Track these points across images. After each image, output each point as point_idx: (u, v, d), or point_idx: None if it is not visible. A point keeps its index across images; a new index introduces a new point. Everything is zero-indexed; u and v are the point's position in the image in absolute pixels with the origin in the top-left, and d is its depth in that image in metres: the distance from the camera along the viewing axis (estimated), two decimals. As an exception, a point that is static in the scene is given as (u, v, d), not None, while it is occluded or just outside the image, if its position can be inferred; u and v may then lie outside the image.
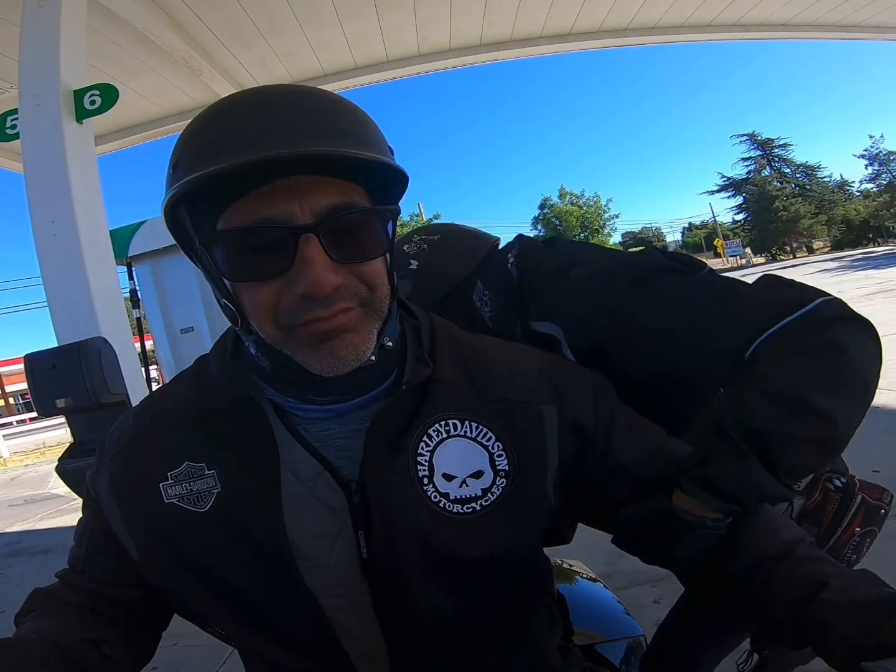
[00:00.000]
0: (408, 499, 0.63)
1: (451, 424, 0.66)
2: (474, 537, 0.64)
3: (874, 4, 4.71)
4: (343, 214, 0.56)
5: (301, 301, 0.56)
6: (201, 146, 0.54)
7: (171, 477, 0.65)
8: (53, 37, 2.44)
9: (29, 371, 2.33)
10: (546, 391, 0.70)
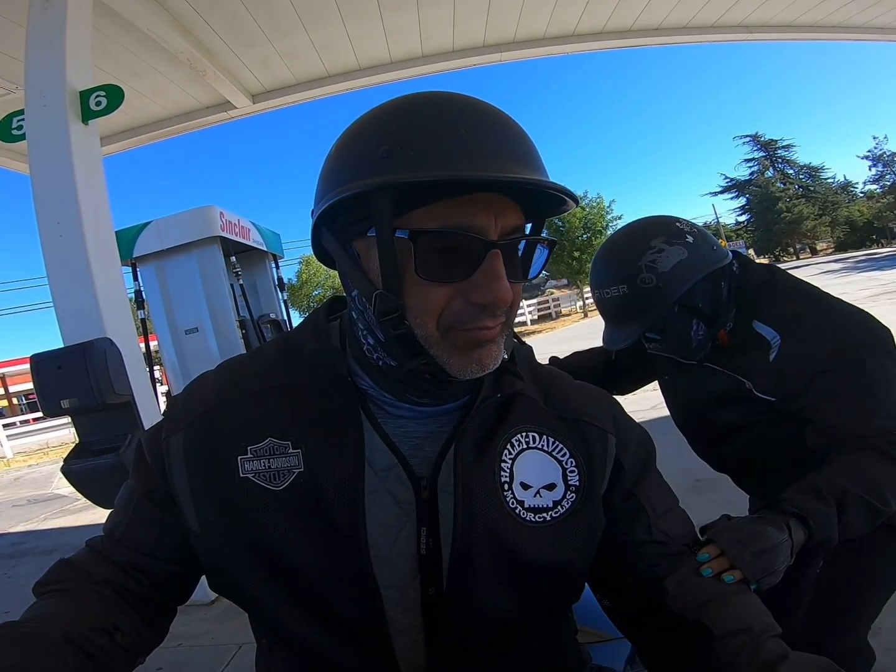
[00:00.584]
0: (490, 500, 0.66)
1: (530, 437, 0.71)
2: (542, 546, 0.67)
3: (878, 5, 4.70)
4: (524, 238, 0.63)
5: (473, 308, 0.60)
6: (435, 147, 0.57)
7: (250, 451, 0.67)
8: (59, 38, 2.45)
9: (35, 371, 2.34)
10: (610, 422, 0.77)
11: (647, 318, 1.23)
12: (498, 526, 0.66)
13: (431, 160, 0.56)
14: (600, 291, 1.29)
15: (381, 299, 0.61)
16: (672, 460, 4.87)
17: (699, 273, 1.21)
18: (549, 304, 29.87)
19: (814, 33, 5.15)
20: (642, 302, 1.22)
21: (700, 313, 1.26)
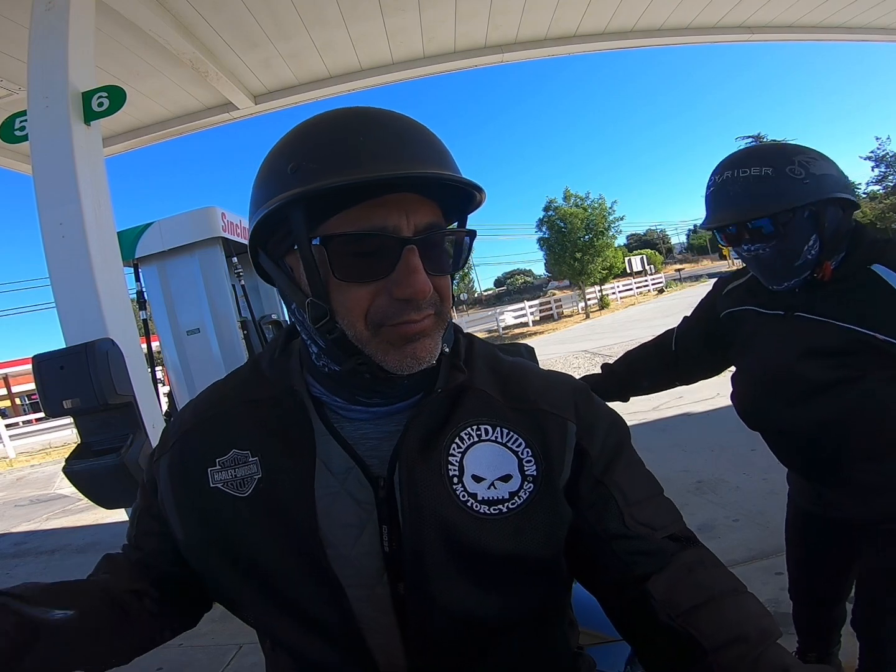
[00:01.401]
0: (437, 495, 0.67)
1: (482, 429, 0.71)
2: (498, 537, 0.67)
3: (881, 6, 4.69)
4: (438, 232, 0.66)
5: (397, 304, 0.63)
6: (336, 155, 0.61)
7: (218, 463, 0.72)
8: (62, 39, 2.46)
9: (37, 372, 2.34)
10: (571, 410, 0.76)
11: (781, 203, 1.24)
12: (448, 520, 0.66)
13: (334, 168, 0.60)
14: (734, 171, 1.29)
15: (311, 307, 0.65)
16: (674, 461, 4.89)
17: (842, 192, 1.25)
18: (550, 305, 29.85)
19: (816, 34, 5.14)
20: (783, 187, 1.23)
21: (822, 230, 1.26)
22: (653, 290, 34.75)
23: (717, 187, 1.33)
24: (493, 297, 67.82)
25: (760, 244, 1.30)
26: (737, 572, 0.74)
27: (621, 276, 34.98)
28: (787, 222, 1.26)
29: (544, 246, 25.94)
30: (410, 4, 3.73)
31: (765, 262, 1.32)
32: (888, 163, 36.37)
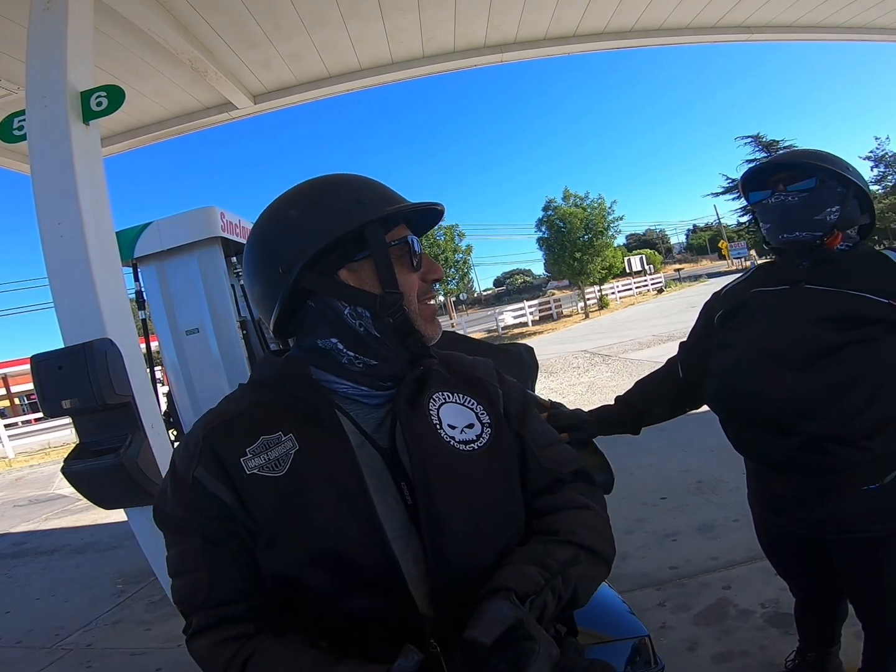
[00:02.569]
0: (428, 432, 0.89)
1: (445, 394, 0.96)
2: (479, 468, 0.89)
3: (881, 6, 4.68)
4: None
5: (431, 284, 0.94)
6: (379, 194, 0.90)
7: (248, 452, 0.82)
8: (60, 38, 2.44)
9: (35, 372, 2.34)
10: (496, 381, 1.04)
11: (829, 165, 1.43)
12: (441, 452, 0.87)
13: (389, 202, 0.89)
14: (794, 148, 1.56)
15: (386, 297, 0.87)
16: (674, 461, 4.89)
17: (865, 187, 1.49)
18: (550, 305, 29.87)
19: (815, 34, 5.13)
20: (834, 160, 1.46)
21: (845, 206, 1.45)
22: (652, 289, 34.76)
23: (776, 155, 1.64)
24: (492, 296, 67.90)
25: (794, 194, 1.46)
26: (737, 572, 0.75)
27: (620, 276, 34.98)
28: (826, 182, 1.44)
29: (544, 246, 25.97)
30: (410, 4, 3.73)
31: (789, 207, 1.46)
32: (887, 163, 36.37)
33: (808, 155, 1.48)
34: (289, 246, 0.86)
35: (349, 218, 0.84)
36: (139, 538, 2.54)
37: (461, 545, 0.82)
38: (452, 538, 0.82)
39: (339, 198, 0.87)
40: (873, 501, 1.38)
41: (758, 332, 1.47)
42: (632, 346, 13.24)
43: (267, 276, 0.89)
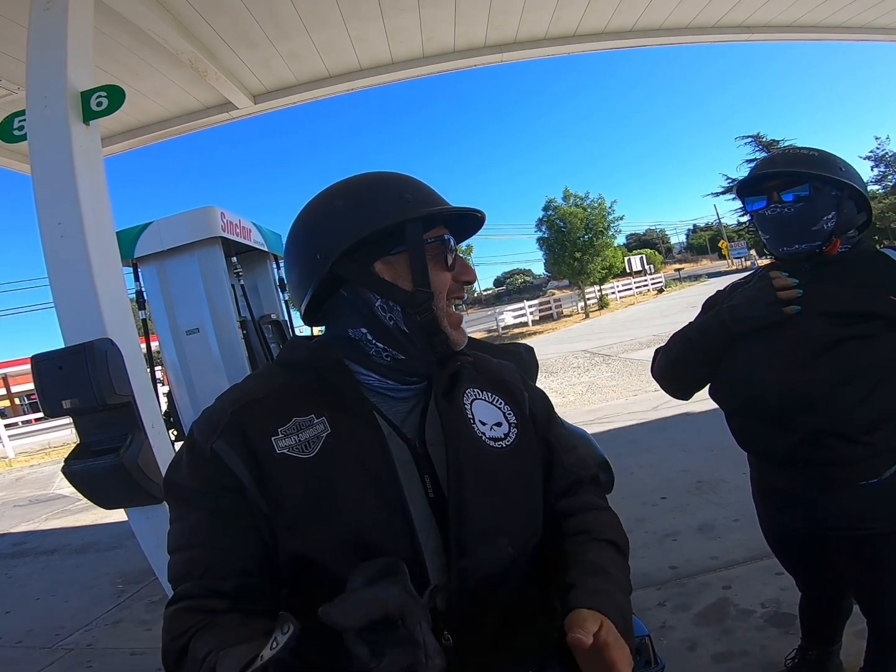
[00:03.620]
0: (466, 429, 0.91)
1: (475, 391, 0.98)
2: (506, 463, 0.92)
3: (881, 5, 4.67)
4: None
5: (461, 285, 0.94)
6: (426, 195, 0.92)
7: (280, 432, 0.83)
8: (60, 38, 2.44)
9: (36, 372, 2.34)
10: (521, 385, 1.06)
11: (821, 171, 1.43)
12: (475, 446, 0.90)
13: (431, 202, 0.90)
14: (788, 149, 1.53)
15: (417, 294, 0.88)
16: (674, 461, 4.88)
17: (862, 188, 1.49)
18: (550, 305, 29.86)
19: (815, 33, 5.13)
20: (826, 163, 1.46)
21: (841, 211, 1.46)
22: (652, 289, 34.76)
23: (766, 158, 1.57)
24: (492, 296, 67.81)
25: (790, 205, 1.46)
26: (737, 572, 0.76)
27: (621, 276, 34.97)
28: (820, 189, 1.44)
29: (544, 246, 25.98)
30: (410, 4, 3.73)
31: (787, 220, 1.47)
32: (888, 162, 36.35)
33: (799, 161, 1.46)
34: (329, 234, 0.88)
35: (391, 212, 0.86)
36: (139, 538, 2.54)
37: (483, 540, 0.84)
38: (476, 533, 0.84)
39: (385, 192, 0.89)
40: (873, 497, 1.40)
41: (762, 332, 1.48)
42: (632, 346, 13.25)
43: (305, 260, 0.90)
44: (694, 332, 1.60)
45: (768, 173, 1.50)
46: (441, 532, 0.84)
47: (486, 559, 0.84)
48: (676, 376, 1.68)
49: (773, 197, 1.47)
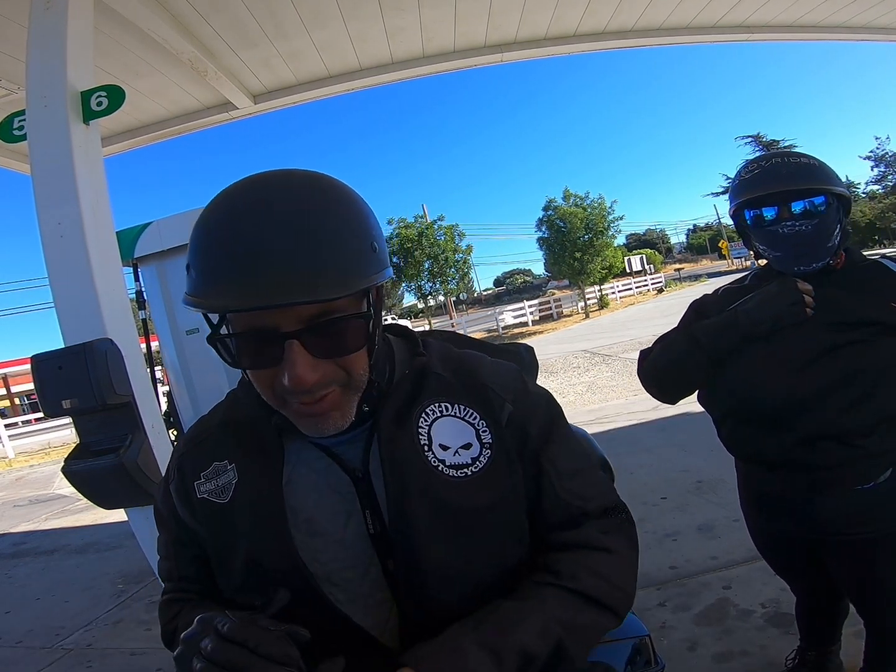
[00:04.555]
0: (413, 457, 0.78)
1: (443, 406, 0.83)
2: (469, 496, 0.78)
3: (880, 5, 4.68)
4: (321, 321, 0.68)
5: (289, 386, 0.69)
6: (206, 271, 0.67)
7: (202, 476, 0.83)
8: (60, 38, 2.45)
9: (35, 372, 2.34)
10: (511, 394, 0.87)
11: (826, 185, 1.39)
12: (424, 479, 0.77)
13: (204, 289, 0.66)
14: (784, 158, 1.43)
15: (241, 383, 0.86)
16: (674, 461, 4.88)
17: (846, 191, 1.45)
18: (550, 305, 29.87)
19: (815, 33, 5.13)
20: (828, 175, 1.41)
21: (843, 222, 1.45)
22: (652, 289, 34.76)
23: (765, 169, 1.43)
24: (492, 296, 67.83)
25: (805, 220, 1.39)
26: (737, 572, 0.75)
27: (621, 276, 34.98)
28: (830, 204, 1.40)
29: (544, 245, 25.97)
30: (410, 4, 3.73)
31: (805, 237, 1.40)
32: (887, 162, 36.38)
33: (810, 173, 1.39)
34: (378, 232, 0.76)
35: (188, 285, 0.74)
36: (139, 538, 2.54)
37: (438, 580, 0.76)
38: (426, 571, 0.76)
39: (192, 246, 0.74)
40: (868, 501, 1.39)
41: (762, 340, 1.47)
42: (632, 346, 13.25)
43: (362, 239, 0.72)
44: (701, 333, 1.52)
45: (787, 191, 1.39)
46: (383, 566, 0.78)
47: (438, 597, 0.77)
48: (673, 377, 1.62)
49: (784, 213, 1.40)
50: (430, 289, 24.81)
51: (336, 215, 0.69)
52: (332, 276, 0.66)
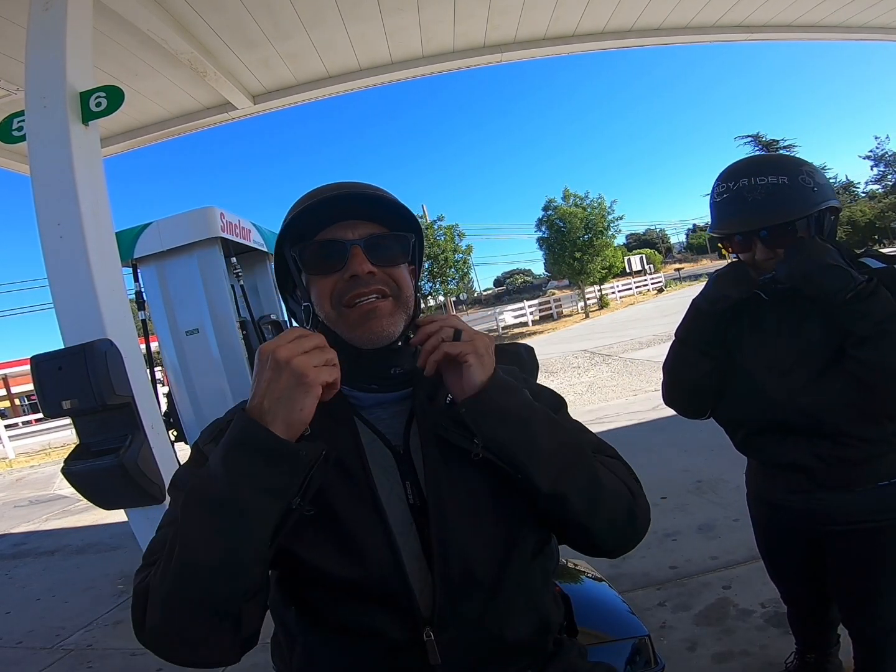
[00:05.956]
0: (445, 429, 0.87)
1: None
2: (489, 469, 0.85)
3: (880, 5, 4.68)
4: (376, 236, 0.91)
5: (349, 282, 0.88)
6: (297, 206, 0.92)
7: None
8: (59, 39, 2.45)
9: (35, 372, 2.34)
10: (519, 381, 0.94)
11: (801, 210, 1.34)
12: (455, 452, 0.85)
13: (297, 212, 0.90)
14: (751, 179, 1.37)
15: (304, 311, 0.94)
16: (674, 461, 4.88)
17: (835, 199, 1.39)
18: (550, 305, 29.86)
19: (815, 33, 5.13)
20: (799, 195, 1.34)
21: (822, 234, 1.38)
22: (652, 289, 34.76)
23: (733, 194, 1.39)
24: (492, 296, 67.74)
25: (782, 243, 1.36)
26: (737, 572, 0.76)
27: (621, 276, 34.94)
28: (799, 224, 1.35)
29: (544, 245, 25.96)
30: (409, 4, 3.73)
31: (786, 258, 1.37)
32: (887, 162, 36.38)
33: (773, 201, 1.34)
34: None
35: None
36: (139, 539, 2.54)
37: (466, 534, 0.84)
38: (455, 538, 0.83)
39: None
40: (887, 495, 1.40)
41: (762, 340, 1.49)
42: (632, 346, 13.25)
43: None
44: (679, 330, 1.58)
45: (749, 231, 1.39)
46: (420, 536, 0.85)
47: (464, 566, 0.83)
48: (679, 386, 1.64)
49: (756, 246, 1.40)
50: (430, 289, 24.78)
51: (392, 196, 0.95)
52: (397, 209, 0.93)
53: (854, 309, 1.26)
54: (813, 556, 1.61)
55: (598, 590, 1.37)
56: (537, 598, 0.92)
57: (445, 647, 0.81)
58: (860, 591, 1.51)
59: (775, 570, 1.81)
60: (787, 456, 1.48)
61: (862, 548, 1.46)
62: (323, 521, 0.82)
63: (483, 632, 0.85)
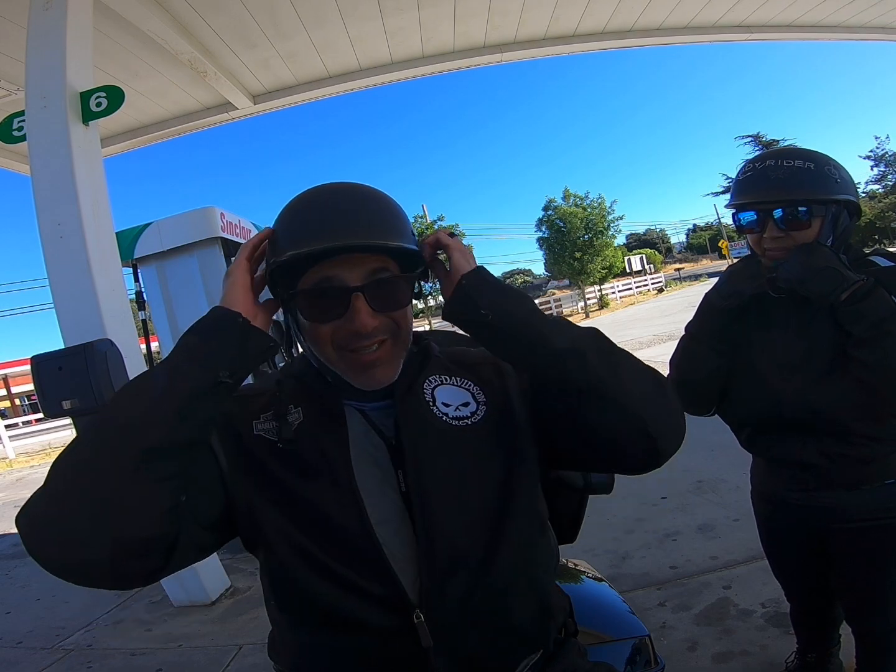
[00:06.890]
0: (420, 408, 0.92)
1: (441, 377, 0.98)
2: (472, 441, 0.91)
3: (880, 5, 4.68)
4: (380, 281, 0.86)
5: (352, 334, 0.85)
6: (294, 231, 0.85)
7: (262, 417, 0.91)
8: (60, 39, 2.45)
9: (35, 373, 2.34)
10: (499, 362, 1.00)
11: (824, 192, 1.34)
12: (433, 426, 0.90)
13: (293, 242, 0.83)
14: (778, 160, 1.37)
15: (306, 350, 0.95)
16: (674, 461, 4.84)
17: (854, 196, 1.39)
18: (550, 305, 29.88)
19: (814, 33, 5.14)
20: (820, 182, 1.34)
21: (837, 229, 1.39)
22: (652, 289, 34.74)
23: (758, 172, 1.39)
24: (492, 296, 67.58)
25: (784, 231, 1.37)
26: (737, 572, 0.75)
27: (621, 276, 34.95)
28: (815, 214, 1.35)
29: (544, 245, 25.99)
30: (409, 4, 3.74)
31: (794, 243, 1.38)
32: (887, 162, 36.36)
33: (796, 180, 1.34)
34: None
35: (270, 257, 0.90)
36: (139, 538, 2.54)
37: (450, 515, 0.85)
38: (441, 509, 0.85)
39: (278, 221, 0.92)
40: (892, 494, 1.41)
41: (771, 338, 1.48)
42: (632, 346, 13.25)
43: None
44: (690, 325, 1.58)
45: (767, 201, 1.38)
46: (413, 524, 0.85)
47: (450, 545, 0.85)
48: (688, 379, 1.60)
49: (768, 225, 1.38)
50: (430, 289, 24.79)
51: (393, 205, 0.91)
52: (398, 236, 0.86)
53: (850, 310, 1.27)
54: (817, 554, 1.60)
55: (598, 590, 1.36)
56: (537, 582, 0.93)
57: (436, 628, 0.82)
58: (865, 588, 1.51)
59: (779, 567, 1.81)
60: (794, 454, 1.48)
61: (868, 546, 1.46)
62: (302, 507, 0.85)
63: (476, 613, 0.85)
